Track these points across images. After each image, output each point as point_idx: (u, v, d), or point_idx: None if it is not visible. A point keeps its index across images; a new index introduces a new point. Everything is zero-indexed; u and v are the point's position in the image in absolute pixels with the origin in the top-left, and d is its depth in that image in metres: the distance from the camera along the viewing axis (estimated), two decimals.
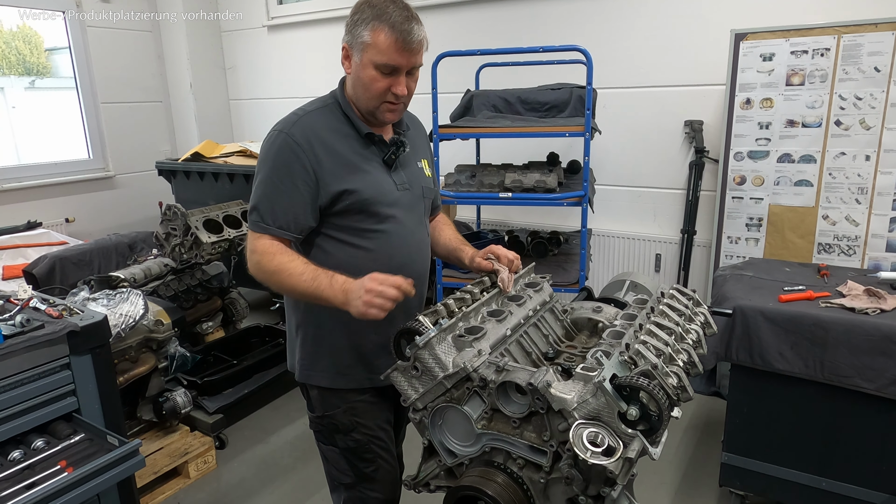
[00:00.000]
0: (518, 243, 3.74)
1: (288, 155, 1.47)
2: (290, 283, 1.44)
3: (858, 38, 3.01)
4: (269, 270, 1.46)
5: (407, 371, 1.29)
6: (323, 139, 1.50)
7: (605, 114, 3.89)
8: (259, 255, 1.48)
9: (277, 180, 1.48)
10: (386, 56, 1.43)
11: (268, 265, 1.46)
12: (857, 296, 2.23)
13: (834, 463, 2.21)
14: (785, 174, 3.29)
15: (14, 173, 4.64)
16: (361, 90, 1.51)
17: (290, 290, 1.48)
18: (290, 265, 1.44)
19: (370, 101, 1.51)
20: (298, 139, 1.48)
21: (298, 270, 1.43)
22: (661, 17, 3.68)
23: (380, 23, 1.42)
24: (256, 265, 1.49)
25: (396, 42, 1.42)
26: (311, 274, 1.42)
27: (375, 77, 1.46)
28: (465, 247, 1.79)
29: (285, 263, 1.45)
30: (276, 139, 1.50)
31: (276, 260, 1.46)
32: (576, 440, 1.05)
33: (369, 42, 1.43)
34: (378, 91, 1.48)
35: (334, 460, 1.68)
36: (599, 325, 1.62)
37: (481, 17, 4.28)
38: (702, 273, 3.80)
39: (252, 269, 1.51)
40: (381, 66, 1.45)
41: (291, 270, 1.44)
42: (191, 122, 5.57)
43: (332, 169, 1.49)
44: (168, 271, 3.37)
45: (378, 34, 1.42)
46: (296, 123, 1.50)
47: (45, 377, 1.77)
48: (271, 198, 1.49)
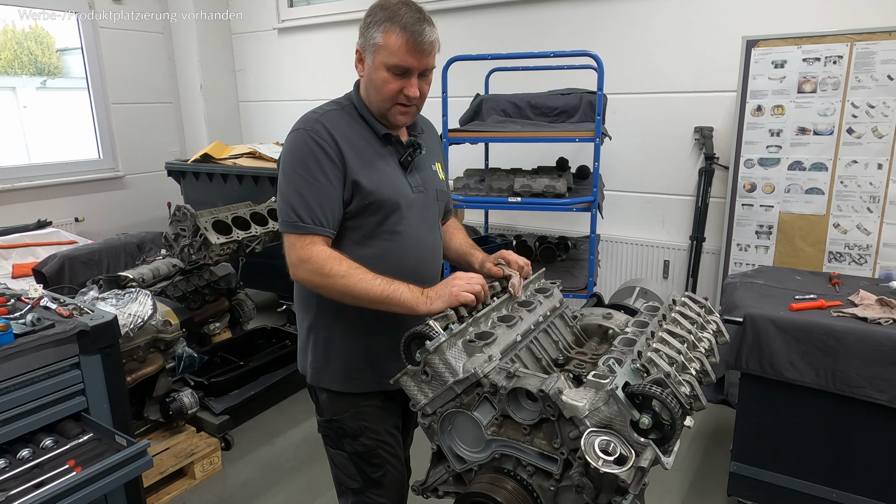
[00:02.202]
0: (526, 248, 3.74)
1: (315, 149, 1.46)
2: (362, 287, 1.41)
3: (872, 45, 2.99)
4: (338, 274, 1.41)
5: (417, 376, 1.28)
6: (344, 135, 1.50)
7: (614, 119, 3.87)
8: (319, 262, 1.43)
9: (309, 176, 1.46)
10: (397, 57, 1.44)
11: (335, 269, 1.42)
12: (870, 305, 2.21)
13: (844, 474, 2.19)
14: (796, 182, 3.27)
15: (25, 172, 4.67)
16: (374, 92, 1.51)
17: (359, 293, 1.42)
18: (358, 271, 1.42)
19: (382, 103, 1.51)
20: (322, 134, 1.47)
21: (370, 276, 1.42)
22: (672, 23, 3.67)
23: (391, 24, 1.42)
24: (316, 273, 1.44)
25: (408, 43, 1.42)
26: (384, 279, 1.42)
27: (387, 79, 1.47)
28: (475, 251, 1.78)
29: (354, 269, 1.43)
30: (298, 137, 1.49)
31: (343, 264, 1.42)
32: (587, 448, 1.04)
33: (381, 44, 1.44)
34: (390, 93, 1.48)
35: (342, 465, 1.67)
36: (610, 332, 1.61)
37: (492, 22, 4.28)
38: (710, 280, 3.78)
39: (306, 275, 1.46)
40: (392, 67, 1.45)
41: (362, 276, 1.42)
42: (200, 123, 5.60)
43: (353, 162, 1.49)
44: (176, 272, 3.38)
45: (389, 35, 1.43)
46: (317, 121, 1.50)
47: (54, 376, 1.77)
48: (305, 195, 1.45)
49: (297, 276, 1.48)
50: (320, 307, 1.59)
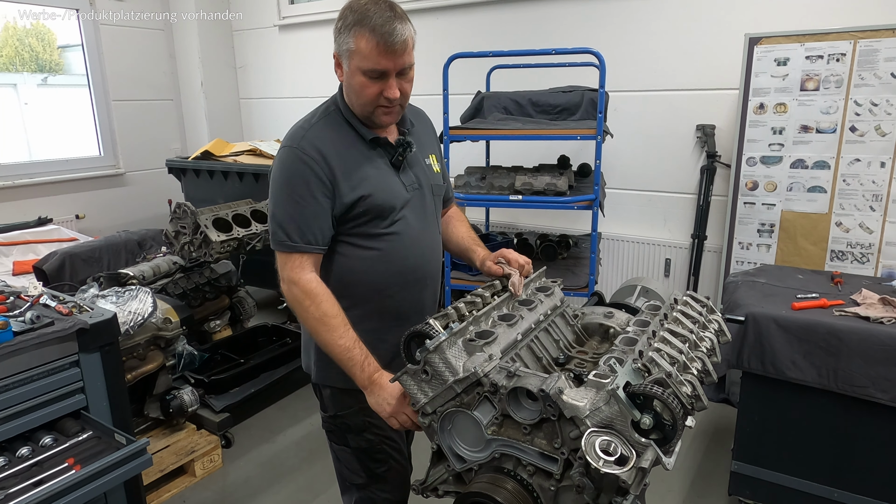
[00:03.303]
0: (527, 246, 3.73)
1: (302, 169, 1.46)
2: (327, 338, 1.44)
3: (875, 43, 2.97)
4: (313, 316, 1.44)
5: (417, 375, 1.27)
6: (332, 149, 1.49)
7: (616, 117, 3.86)
8: (302, 292, 1.45)
9: (297, 196, 1.46)
10: (371, 61, 1.41)
11: (312, 310, 1.44)
12: (872, 304, 2.20)
13: (846, 474, 2.18)
14: (798, 180, 3.26)
15: (25, 169, 4.67)
16: (354, 97, 1.50)
17: (323, 342, 1.46)
18: (333, 320, 1.44)
19: (364, 107, 1.50)
20: (309, 152, 1.47)
21: (340, 332, 1.43)
22: (674, 20, 3.65)
23: (361, 28, 1.39)
24: (297, 302, 1.47)
25: (378, 46, 1.39)
26: (349, 343, 1.43)
27: (365, 83, 1.44)
28: (477, 248, 1.78)
29: (329, 317, 1.44)
30: (287, 156, 1.49)
31: (322, 308, 1.44)
32: (588, 448, 1.04)
33: (354, 48, 1.41)
34: (370, 97, 1.46)
35: (346, 460, 1.68)
36: (611, 331, 1.60)
37: (493, 19, 4.26)
38: (712, 279, 3.77)
39: (289, 298, 1.49)
40: (368, 71, 1.42)
41: (333, 326, 1.43)
42: (201, 120, 5.59)
43: (345, 177, 1.49)
44: (177, 269, 3.38)
45: (360, 40, 1.39)
46: (304, 137, 1.49)
47: (54, 374, 1.77)
48: (293, 214, 1.46)
49: (284, 291, 1.51)
50: None
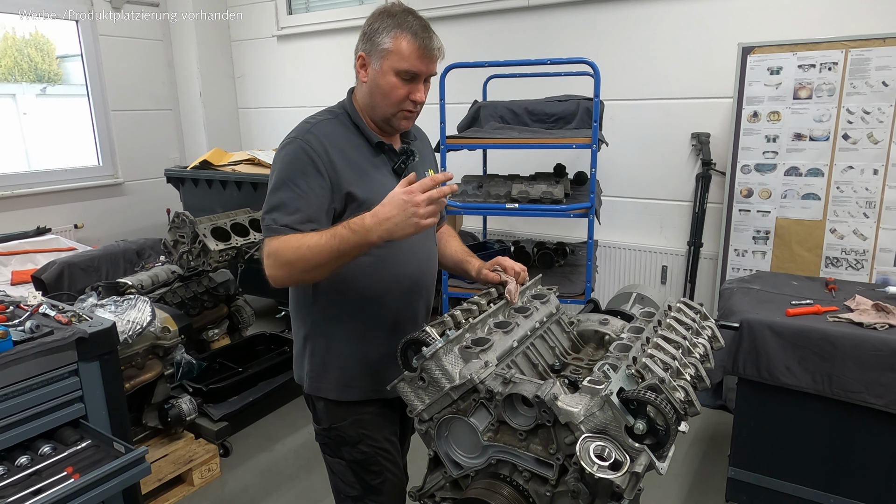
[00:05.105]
0: (524, 254, 3.74)
1: (304, 159, 1.47)
2: (316, 252, 1.36)
3: (866, 52, 3.01)
4: (292, 255, 1.37)
5: (413, 382, 1.29)
6: (336, 145, 1.51)
7: (612, 125, 3.89)
8: (276, 250, 1.39)
9: (293, 184, 1.46)
10: (408, 62, 1.47)
11: (287, 251, 1.38)
12: (866, 310, 2.22)
13: (842, 479, 2.19)
14: (792, 187, 3.28)
15: (24, 179, 4.68)
16: (380, 97, 1.52)
17: (319, 262, 1.37)
18: (308, 239, 1.37)
19: (388, 108, 1.53)
20: (314, 145, 1.48)
21: (316, 238, 1.37)
22: (668, 30, 3.69)
23: (402, 30, 1.46)
24: (276, 261, 1.40)
25: (419, 49, 1.46)
26: (329, 233, 1.36)
27: (396, 84, 1.49)
28: (471, 258, 1.79)
29: (303, 239, 1.37)
30: (290, 146, 1.50)
31: (292, 242, 1.38)
32: (582, 454, 1.05)
33: (391, 49, 1.46)
34: (398, 98, 1.51)
35: (341, 473, 1.67)
36: (606, 338, 1.62)
37: (489, 29, 4.30)
38: (708, 285, 3.79)
39: (272, 270, 1.41)
40: (402, 72, 1.48)
41: (312, 242, 1.36)
42: (199, 130, 5.61)
43: (345, 174, 1.50)
44: (175, 278, 3.39)
45: (400, 41, 1.46)
46: (309, 131, 1.51)
47: (53, 383, 1.77)
48: (286, 201, 1.45)
49: (269, 276, 1.43)
50: (316, 316, 1.60)
